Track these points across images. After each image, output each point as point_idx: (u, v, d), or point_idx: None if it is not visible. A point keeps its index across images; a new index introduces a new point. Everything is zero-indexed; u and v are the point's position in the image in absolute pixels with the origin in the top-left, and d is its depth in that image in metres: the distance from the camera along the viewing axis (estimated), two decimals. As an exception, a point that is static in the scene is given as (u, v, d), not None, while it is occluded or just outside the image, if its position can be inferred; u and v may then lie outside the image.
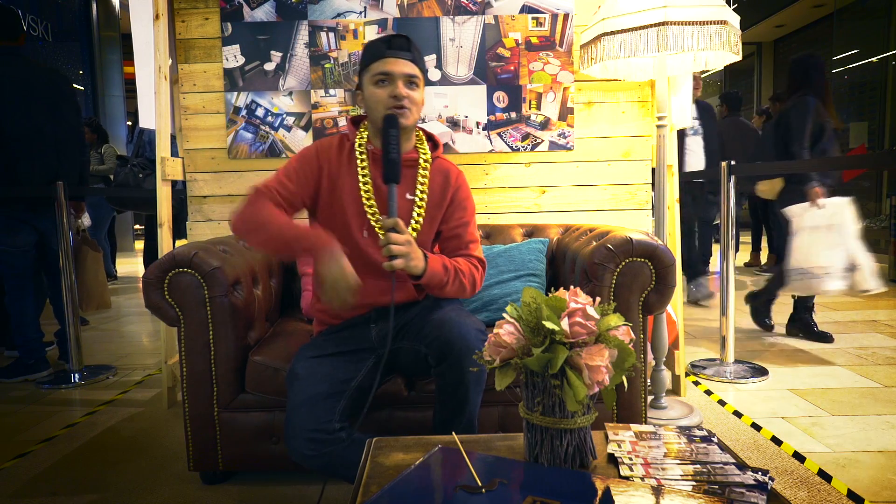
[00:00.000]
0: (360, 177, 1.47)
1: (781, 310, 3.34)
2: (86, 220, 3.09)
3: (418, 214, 1.49)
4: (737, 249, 4.15)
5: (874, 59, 6.64)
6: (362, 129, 1.52)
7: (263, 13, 2.31)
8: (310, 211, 1.53)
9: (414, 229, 1.49)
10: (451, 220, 1.53)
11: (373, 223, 1.46)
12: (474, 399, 1.39)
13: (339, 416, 1.35)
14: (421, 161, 1.51)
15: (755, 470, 0.90)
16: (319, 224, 1.51)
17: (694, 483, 0.87)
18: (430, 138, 1.58)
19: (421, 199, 1.50)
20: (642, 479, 0.89)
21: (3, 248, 2.71)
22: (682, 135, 4.37)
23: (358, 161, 1.48)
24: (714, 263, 5.64)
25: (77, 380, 2.68)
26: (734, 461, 0.94)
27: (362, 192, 1.46)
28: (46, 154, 2.69)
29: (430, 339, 1.36)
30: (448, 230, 1.54)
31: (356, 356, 1.45)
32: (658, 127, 2.06)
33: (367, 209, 1.46)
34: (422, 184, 1.50)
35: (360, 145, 1.49)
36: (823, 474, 1.64)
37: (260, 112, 2.34)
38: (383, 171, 1.35)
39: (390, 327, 1.35)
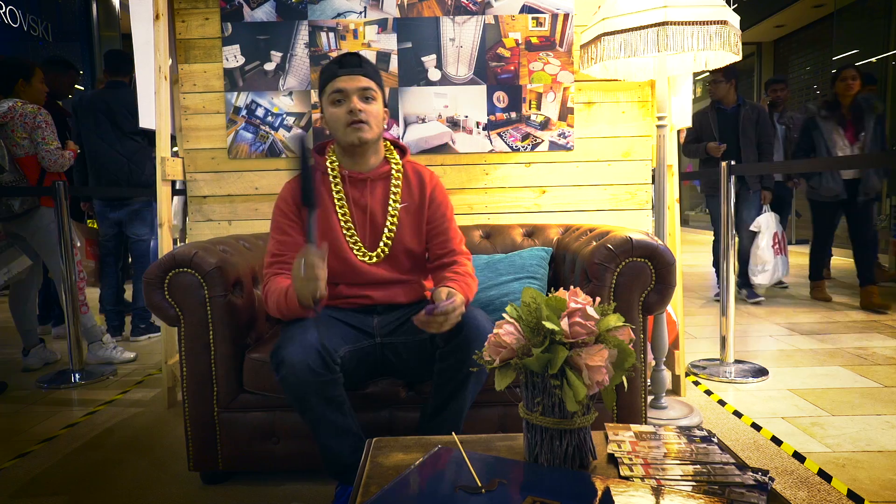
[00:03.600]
0: (335, 201, 1.52)
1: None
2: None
3: (395, 220, 1.53)
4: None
5: (874, 59, 6.64)
6: (330, 154, 1.57)
7: (263, 13, 2.31)
8: None
9: (388, 238, 1.52)
10: (435, 218, 1.57)
11: (351, 245, 1.51)
12: (472, 389, 1.41)
13: (340, 359, 1.35)
14: (393, 171, 1.56)
15: (755, 470, 0.90)
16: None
17: (694, 483, 0.87)
18: (396, 145, 1.62)
19: (395, 206, 1.53)
20: (642, 479, 0.89)
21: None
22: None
23: (332, 185, 1.53)
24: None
25: (77, 380, 2.68)
26: (734, 461, 0.94)
27: (339, 216, 1.52)
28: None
29: None
30: (432, 228, 1.58)
31: (357, 332, 1.49)
32: (658, 127, 2.05)
33: (344, 231, 1.51)
34: (395, 192, 1.54)
35: (332, 170, 1.54)
36: (823, 474, 1.64)
37: (260, 112, 2.34)
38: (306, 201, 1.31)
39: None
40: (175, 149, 2.50)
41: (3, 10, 5.34)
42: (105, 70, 3.42)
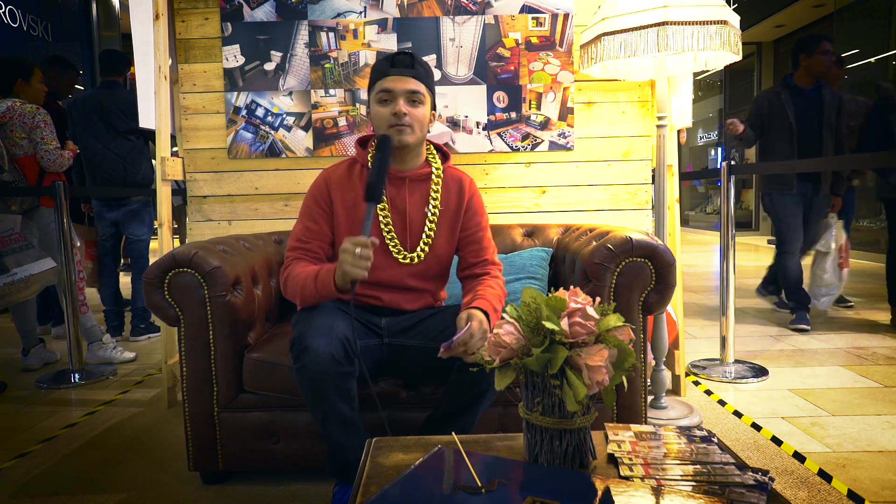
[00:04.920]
0: None
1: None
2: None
3: (433, 226, 1.51)
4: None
5: (874, 59, 6.64)
6: (371, 149, 1.53)
7: (263, 13, 2.31)
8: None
9: (426, 244, 1.50)
10: (469, 226, 1.55)
11: (387, 240, 1.48)
12: (486, 402, 1.42)
13: (356, 354, 1.33)
14: (434, 174, 1.53)
15: (755, 470, 0.90)
16: (339, 239, 1.50)
17: (694, 483, 0.87)
18: (439, 149, 1.59)
19: (434, 212, 1.51)
20: (642, 479, 0.89)
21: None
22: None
23: None
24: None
25: (77, 380, 2.68)
26: (734, 461, 0.94)
27: (380, 215, 1.49)
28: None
29: None
30: (467, 236, 1.56)
31: (366, 330, 1.48)
32: (658, 127, 2.06)
33: (382, 227, 1.49)
34: (434, 197, 1.52)
35: (372, 165, 1.47)
36: (823, 474, 1.64)
37: (260, 112, 2.34)
38: (366, 189, 1.32)
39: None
40: (175, 148, 2.50)
41: (3, 10, 5.34)
42: (100, 70, 3.43)
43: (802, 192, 3.32)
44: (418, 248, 1.50)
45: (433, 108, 1.52)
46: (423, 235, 1.50)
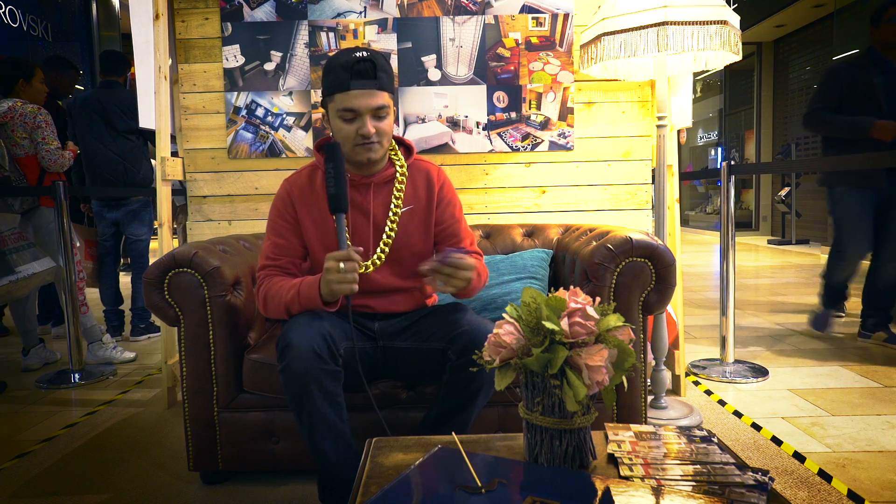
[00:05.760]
0: None
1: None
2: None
3: (394, 226, 1.48)
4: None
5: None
6: None
7: (263, 13, 2.31)
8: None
9: (386, 245, 1.47)
10: (444, 218, 1.53)
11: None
12: (481, 401, 1.41)
13: (340, 354, 1.32)
14: (398, 172, 1.49)
15: (755, 470, 0.90)
16: (313, 253, 1.49)
17: (694, 483, 0.87)
18: (402, 143, 1.56)
19: (395, 211, 1.48)
20: (642, 479, 0.89)
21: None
22: None
23: None
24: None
25: (77, 380, 2.68)
26: (734, 461, 0.94)
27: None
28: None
29: (454, 335, 1.36)
30: (443, 229, 1.54)
31: (358, 332, 1.47)
32: (658, 127, 2.06)
33: (348, 235, 1.45)
34: (398, 196, 1.48)
35: None
36: (823, 474, 1.64)
37: (260, 112, 2.34)
38: (332, 202, 1.30)
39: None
40: (175, 148, 2.50)
41: (3, 10, 5.34)
42: (100, 70, 3.44)
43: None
44: (378, 251, 1.46)
45: (394, 105, 1.46)
46: (384, 235, 1.46)
